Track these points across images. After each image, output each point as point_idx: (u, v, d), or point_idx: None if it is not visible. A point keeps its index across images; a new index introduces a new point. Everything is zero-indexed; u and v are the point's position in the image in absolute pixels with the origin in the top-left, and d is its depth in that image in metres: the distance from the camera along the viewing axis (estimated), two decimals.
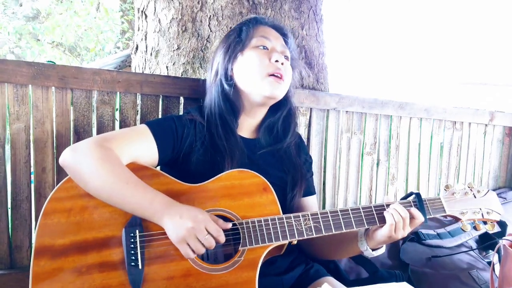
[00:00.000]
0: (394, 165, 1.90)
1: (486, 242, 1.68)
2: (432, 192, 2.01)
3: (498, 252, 1.35)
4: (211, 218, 0.92)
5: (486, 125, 2.14)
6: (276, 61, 1.11)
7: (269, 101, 1.14)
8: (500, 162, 2.24)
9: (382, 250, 1.08)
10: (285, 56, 1.16)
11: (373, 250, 1.06)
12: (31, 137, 1.24)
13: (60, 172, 1.28)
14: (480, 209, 1.10)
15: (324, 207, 1.73)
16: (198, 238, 0.88)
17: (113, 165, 0.93)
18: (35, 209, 1.26)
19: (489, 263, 1.59)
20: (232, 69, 1.15)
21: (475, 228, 1.10)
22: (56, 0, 7.21)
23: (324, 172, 1.72)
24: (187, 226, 0.88)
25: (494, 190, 2.23)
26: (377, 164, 1.86)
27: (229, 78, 1.15)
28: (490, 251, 1.69)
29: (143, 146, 1.02)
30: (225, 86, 1.13)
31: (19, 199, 1.24)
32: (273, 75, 1.10)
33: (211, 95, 1.16)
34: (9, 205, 1.24)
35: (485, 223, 1.12)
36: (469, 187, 1.13)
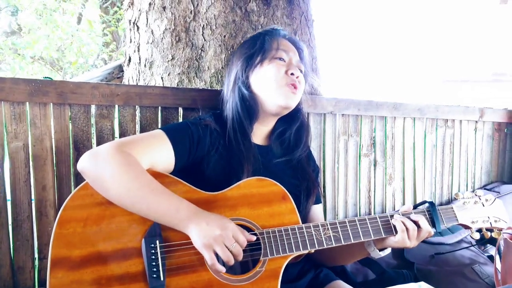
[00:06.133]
0: (391, 165, 1.92)
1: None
2: (428, 190, 2.04)
3: (498, 246, 1.37)
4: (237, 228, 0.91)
5: (476, 121, 2.18)
6: (292, 74, 1.15)
7: (282, 111, 1.18)
8: (491, 157, 2.29)
9: (389, 250, 1.09)
10: (300, 70, 1.20)
11: (380, 250, 1.08)
12: (30, 155, 1.22)
13: (61, 190, 1.25)
14: (489, 217, 1.14)
15: (325, 210, 1.74)
16: (226, 246, 0.87)
17: (137, 171, 0.91)
18: (36, 228, 1.23)
19: (489, 257, 1.62)
20: (250, 77, 1.18)
21: (482, 236, 1.14)
22: (36, 14, 7.08)
23: (324, 175, 1.73)
24: (214, 233, 0.87)
25: (487, 184, 2.27)
26: (374, 165, 1.88)
27: (246, 85, 1.18)
28: (489, 245, 1.73)
29: (161, 152, 1.01)
30: (244, 91, 1.16)
31: (20, 219, 1.21)
32: (288, 84, 1.14)
33: (230, 102, 1.18)
34: (10, 225, 1.21)
35: (491, 230, 1.15)
36: (477, 195, 1.17)
